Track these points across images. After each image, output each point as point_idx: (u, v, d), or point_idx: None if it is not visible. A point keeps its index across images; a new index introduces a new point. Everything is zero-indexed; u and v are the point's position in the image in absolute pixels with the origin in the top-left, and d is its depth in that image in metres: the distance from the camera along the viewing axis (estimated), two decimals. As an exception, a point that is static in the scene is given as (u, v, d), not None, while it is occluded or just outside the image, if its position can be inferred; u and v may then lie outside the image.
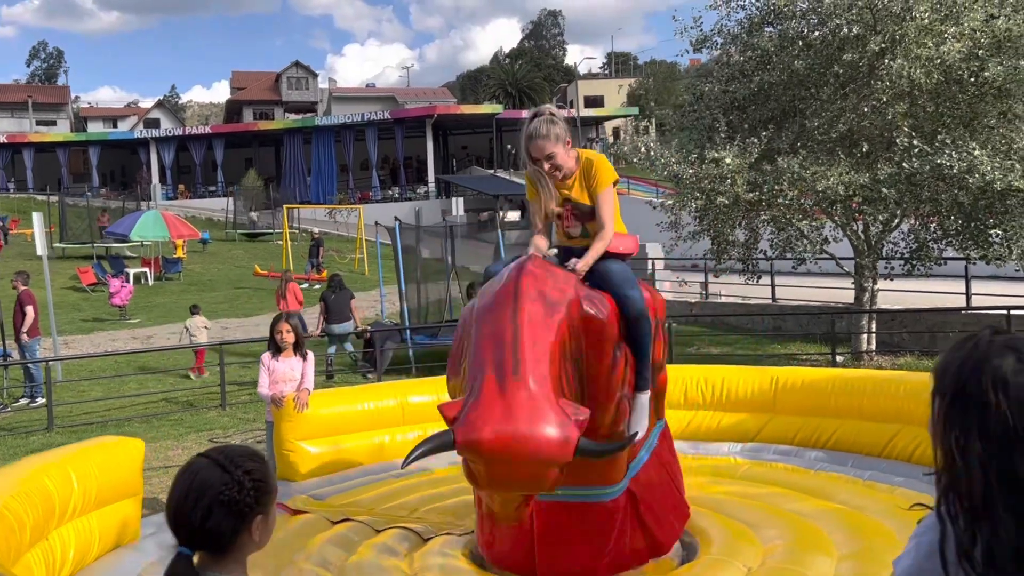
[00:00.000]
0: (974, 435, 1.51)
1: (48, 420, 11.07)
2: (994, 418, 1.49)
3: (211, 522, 1.89)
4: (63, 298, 23.82)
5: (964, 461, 1.53)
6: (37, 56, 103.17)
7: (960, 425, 1.54)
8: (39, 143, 50.69)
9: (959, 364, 1.59)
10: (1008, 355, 1.52)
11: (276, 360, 6.15)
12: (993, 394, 1.50)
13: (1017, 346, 1.54)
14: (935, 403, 1.62)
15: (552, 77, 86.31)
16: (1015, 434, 1.47)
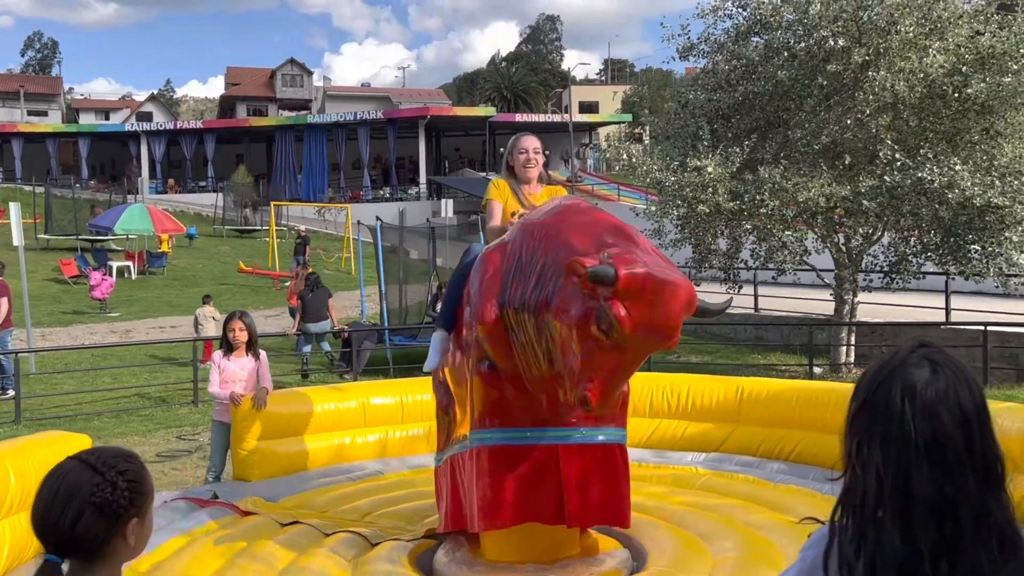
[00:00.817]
0: (876, 443, 1.47)
1: (15, 413, 10.94)
2: (897, 428, 1.45)
3: (81, 526, 1.79)
4: (44, 289, 23.65)
5: (862, 469, 1.49)
6: (31, 46, 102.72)
7: (864, 431, 1.50)
8: (28, 133, 50.45)
9: (875, 371, 1.55)
10: (924, 366, 1.49)
11: (227, 359, 6.06)
12: (900, 403, 1.46)
13: (936, 359, 1.50)
14: (848, 408, 1.58)
15: (548, 82, 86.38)
16: (915, 447, 1.43)
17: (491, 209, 4.70)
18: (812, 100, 12.19)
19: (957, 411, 1.44)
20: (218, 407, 6.12)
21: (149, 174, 49.92)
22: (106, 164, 54.79)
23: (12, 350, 12.36)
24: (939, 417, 1.43)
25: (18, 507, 4.21)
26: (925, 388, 1.45)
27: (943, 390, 1.45)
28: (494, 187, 4.77)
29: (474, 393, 4.05)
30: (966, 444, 1.42)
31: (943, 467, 1.41)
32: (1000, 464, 1.45)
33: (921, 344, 1.56)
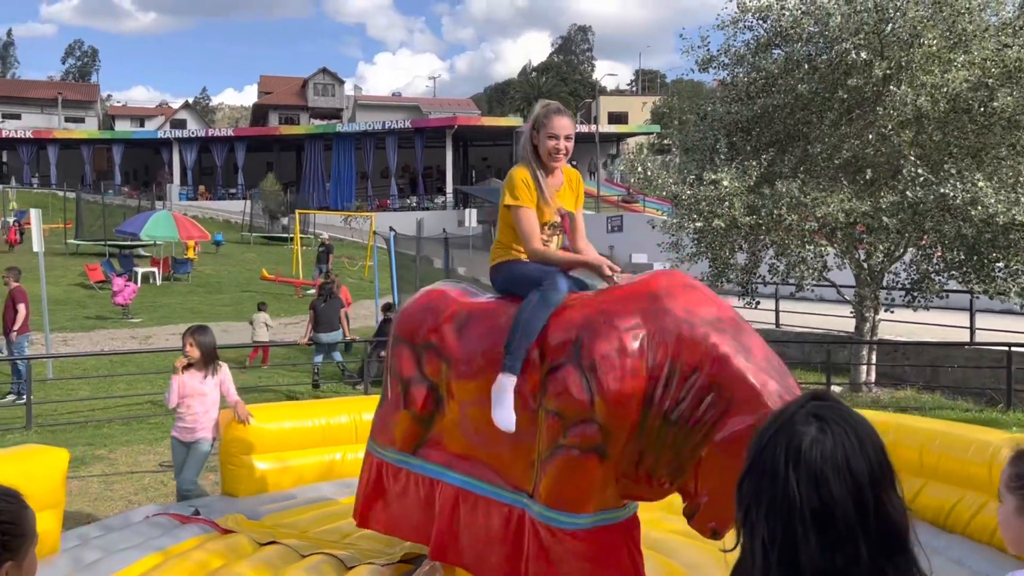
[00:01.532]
0: (762, 510, 1.32)
1: (27, 418, 11.00)
2: (782, 494, 1.30)
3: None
4: (70, 294, 23.94)
5: (749, 538, 1.35)
6: (72, 54, 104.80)
7: (751, 497, 1.36)
8: (64, 139, 51.29)
9: (764, 428, 1.41)
10: (811, 424, 1.34)
11: (185, 374, 5.99)
12: (784, 466, 1.32)
13: (824, 415, 1.35)
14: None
15: (578, 92, 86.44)
16: (801, 515, 1.28)
17: (528, 222, 3.82)
18: (833, 114, 11.96)
19: (846, 474, 1.29)
20: (177, 423, 6.05)
21: (181, 181, 50.52)
22: (139, 170, 55.54)
23: (27, 356, 12.44)
24: (826, 481, 1.28)
25: (-14, 523, 4.15)
26: (810, 449, 1.31)
27: (830, 451, 1.30)
28: (522, 184, 3.84)
29: (567, 473, 3.62)
30: (857, 510, 1.28)
31: (833, 536, 1.27)
32: (901, 528, 1.31)
33: (813, 397, 1.41)
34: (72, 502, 7.56)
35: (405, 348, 4.21)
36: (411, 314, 4.30)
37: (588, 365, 3.51)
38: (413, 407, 4.16)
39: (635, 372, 3.47)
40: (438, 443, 4.21)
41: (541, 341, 3.70)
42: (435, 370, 4.09)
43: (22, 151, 50.99)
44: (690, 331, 3.48)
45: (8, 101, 66.49)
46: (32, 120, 63.05)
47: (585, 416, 3.50)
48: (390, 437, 4.36)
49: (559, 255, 3.89)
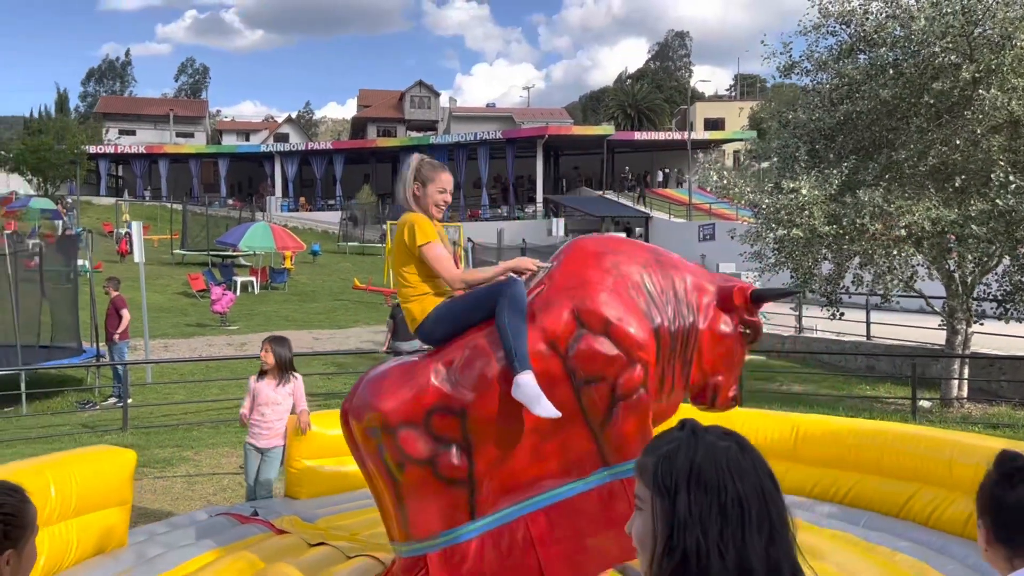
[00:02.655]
0: (714, 525, 1.42)
1: (123, 420, 11.65)
2: (732, 503, 1.42)
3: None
4: (174, 302, 25.15)
5: (696, 553, 1.43)
6: (184, 71, 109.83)
7: (697, 516, 1.44)
8: (174, 154, 53.84)
9: (671, 455, 1.48)
10: (728, 440, 1.48)
11: (260, 382, 6.26)
12: (729, 479, 1.44)
13: (727, 432, 1.50)
14: (658, 503, 1.51)
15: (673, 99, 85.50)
16: (748, 518, 1.41)
17: (444, 254, 4.10)
18: (919, 119, 11.57)
19: (769, 475, 1.44)
20: (251, 430, 6.32)
21: (282, 193, 52.34)
22: (243, 183, 57.78)
23: (126, 361, 13.17)
24: (761, 484, 1.42)
25: (57, 517, 4.48)
26: (743, 458, 1.44)
27: (756, 458, 1.45)
28: (428, 225, 4.09)
29: (634, 419, 3.93)
30: (764, 506, 1.42)
31: (769, 532, 1.40)
32: (786, 523, 1.44)
33: (683, 423, 1.54)
34: (155, 500, 8.00)
35: (405, 431, 3.90)
36: (389, 400, 3.96)
37: (600, 325, 3.91)
38: (452, 473, 3.89)
39: (634, 310, 4.00)
40: (493, 490, 4.01)
41: (542, 334, 3.89)
42: (453, 428, 3.89)
43: (135, 165, 53.81)
44: (640, 268, 4.15)
45: (124, 118, 70.25)
46: (146, 136, 66.41)
47: (625, 364, 3.90)
48: (432, 525, 3.94)
49: (483, 271, 4.13)
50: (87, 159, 47.40)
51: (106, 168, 53.63)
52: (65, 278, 16.63)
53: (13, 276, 14.57)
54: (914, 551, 4.80)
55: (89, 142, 50.25)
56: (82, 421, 12.46)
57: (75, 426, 12.07)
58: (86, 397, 13.93)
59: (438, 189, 4.16)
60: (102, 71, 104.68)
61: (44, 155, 42.99)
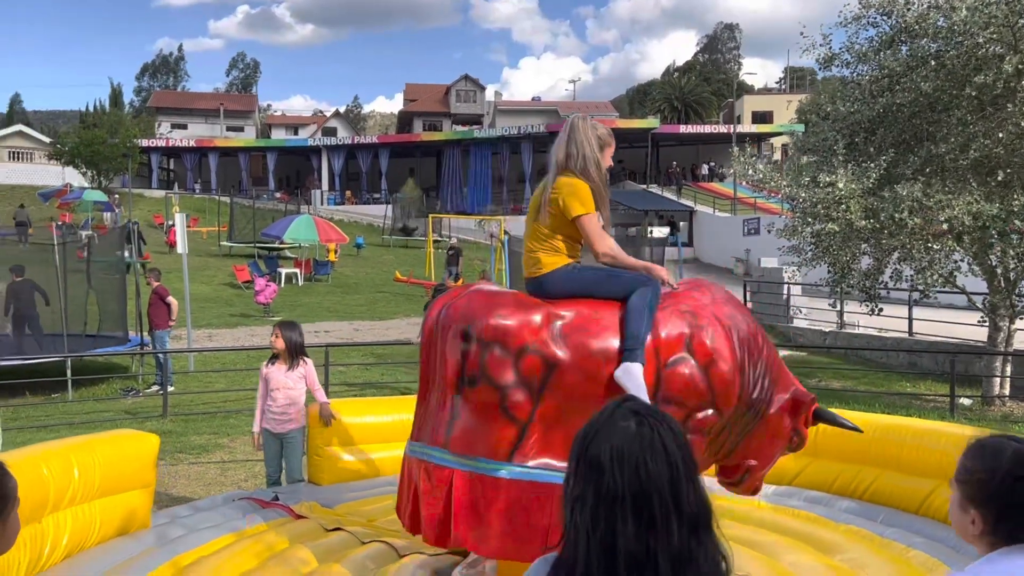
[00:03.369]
0: (588, 501, 1.44)
1: (163, 407, 11.93)
2: (606, 486, 1.42)
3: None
4: (219, 293, 25.62)
5: (574, 529, 1.46)
6: (236, 66, 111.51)
7: (577, 490, 1.47)
8: (224, 147, 54.76)
9: (585, 430, 1.51)
10: (630, 420, 1.47)
11: (272, 367, 6.38)
12: (608, 459, 1.44)
13: (640, 410, 1.49)
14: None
15: (721, 91, 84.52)
16: (621, 502, 1.41)
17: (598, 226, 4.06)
18: (960, 112, 11.33)
19: (664, 461, 1.42)
20: (266, 415, 6.43)
21: (329, 186, 52.94)
22: (291, 176, 58.55)
23: (168, 350, 13.48)
24: (645, 467, 1.41)
25: (80, 498, 4.64)
26: (632, 440, 1.43)
27: (649, 440, 1.43)
28: (589, 195, 4.04)
29: None
30: (672, 492, 1.40)
31: (649, 520, 1.39)
32: (707, 509, 1.44)
33: (626, 399, 1.53)
34: (187, 486, 8.21)
35: (497, 351, 3.98)
36: (498, 318, 4.02)
37: (705, 359, 4.05)
38: (516, 411, 3.95)
39: (735, 363, 4.14)
40: (537, 447, 4.05)
41: (652, 338, 4.00)
42: (535, 372, 3.95)
43: (186, 159, 54.86)
44: (748, 328, 4.31)
45: (176, 112, 71.65)
46: (197, 130, 67.63)
47: (704, 403, 4.04)
48: (474, 446, 4.01)
49: (629, 257, 4.22)
50: (139, 152, 48.44)
51: (158, 161, 54.74)
52: (114, 268, 17.06)
53: (62, 266, 14.98)
54: (929, 548, 4.75)
55: (142, 136, 51.34)
56: (125, 408, 12.78)
57: (118, 412, 12.39)
58: (130, 384, 14.29)
59: (610, 156, 4.19)
60: (156, 66, 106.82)
61: (97, 148, 44.05)
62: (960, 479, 1.90)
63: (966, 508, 1.88)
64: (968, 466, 1.90)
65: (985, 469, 1.86)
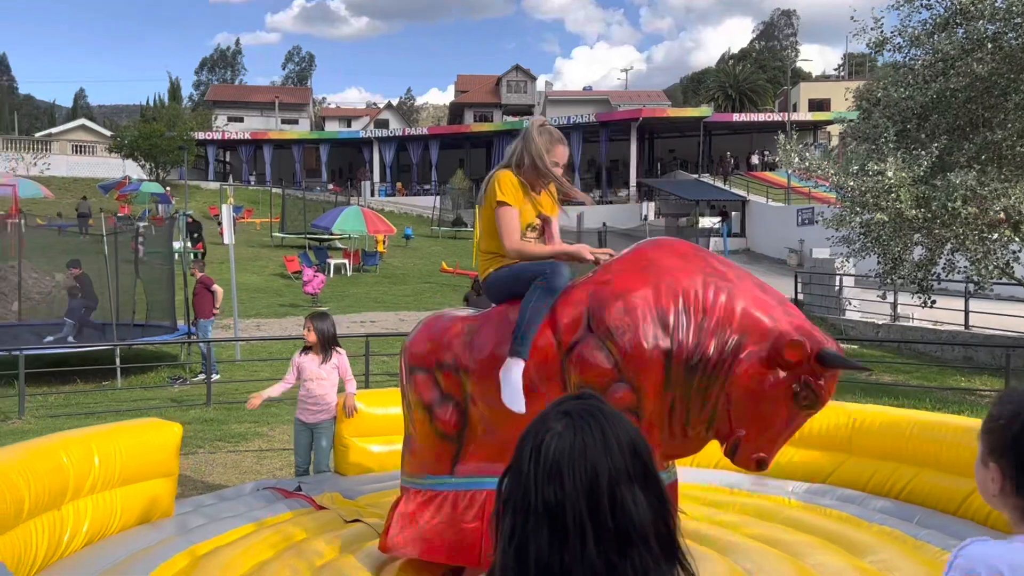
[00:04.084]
0: (509, 507, 1.35)
1: (207, 396, 12.11)
2: (523, 492, 1.33)
3: None
4: (270, 283, 25.97)
5: (496, 538, 1.37)
6: (291, 60, 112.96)
7: (504, 495, 1.38)
8: (278, 140, 55.51)
9: (524, 431, 1.42)
10: (559, 421, 1.35)
11: (305, 357, 6.38)
12: (527, 461, 1.34)
13: (574, 412, 1.36)
14: None
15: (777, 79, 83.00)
16: (535, 511, 1.30)
17: (511, 220, 3.96)
18: (1018, 96, 10.89)
19: (582, 470, 1.29)
20: (299, 406, 6.46)
21: (380, 178, 53.36)
22: (344, 168, 59.15)
23: (210, 339, 13.69)
24: (559, 476, 1.29)
25: (101, 486, 4.68)
26: (550, 444, 1.32)
27: (568, 446, 1.31)
28: (510, 185, 3.99)
29: None
30: (590, 507, 1.27)
31: (561, 531, 1.27)
32: (635, 527, 1.29)
33: (577, 396, 1.41)
34: (223, 474, 8.29)
35: (419, 375, 4.24)
36: (417, 343, 4.33)
37: (603, 333, 3.71)
38: (443, 427, 4.16)
39: (651, 326, 3.68)
40: (473, 456, 4.21)
41: (552, 325, 3.84)
42: (454, 385, 4.14)
43: (242, 151, 55.76)
44: (690, 282, 3.73)
45: (233, 106, 72.81)
46: (253, 123, 68.64)
47: (613, 381, 3.68)
48: (423, 466, 4.31)
49: (537, 247, 4.06)
50: (195, 145, 49.36)
51: (214, 154, 55.72)
52: (165, 259, 17.39)
53: (112, 256, 15.30)
54: (963, 551, 4.54)
55: (199, 129, 52.31)
56: (171, 396, 13.01)
57: (164, 400, 12.61)
58: (177, 373, 14.54)
59: (555, 157, 4.04)
60: (214, 60, 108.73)
61: (155, 141, 44.98)
62: (983, 429, 1.69)
63: (986, 462, 1.66)
64: (992, 413, 1.69)
65: (1007, 414, 1.63)
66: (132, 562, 4.38)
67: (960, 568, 1.59)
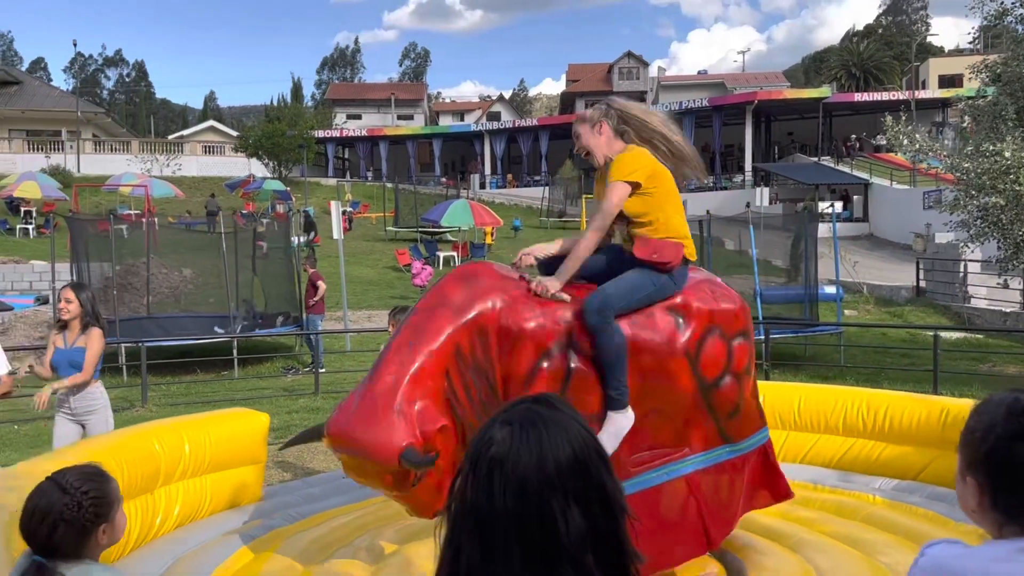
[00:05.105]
0: (451, 508, 1.36)
1: (315, 386, 12.61)
2: (458, 496, 1.34)
3: (56, 537, 2.26)
4: (383, 276, 26.67)
5: (444, 543, 1.39)
6: (408, 56, 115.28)
7: (450, 496, 1.40)
8: (393, 136, 56.81)
9: (478, 429, 1.44)
10: (502, 429, 1.34)
11: None
12: (467, 469, 1.35)
13: (514, 419, 1.34)
14: None
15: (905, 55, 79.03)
16: (468, 517, 1.30)
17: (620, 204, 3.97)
18: None
19: (512, 482, 1.27)
20: None
21: (492, 170, 53.87)
22: (456, 162, 59.97)
23: (319, 331, 14.23)
24: (490, 486, 1.28)
25: (191, 472, 4.99)
26: (485, 453, 1.31)
27: (502, 460, 1.29)
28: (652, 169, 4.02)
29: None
30: (518, 523, 1.26)
31: (490, 541, 1.26)
32: (565, 547, 1.26)
33: (535, 399, 1.40)
34: (323, 461, 8.59)
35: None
36: None
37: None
38: None
39: None
40: None
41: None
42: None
43: (359, 148, 57.34)
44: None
45: (351, 103, 74.97)
46: (370, 119, 70.49)
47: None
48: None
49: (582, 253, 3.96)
50: (315, 143, 51.07)
51: (333, 151, 57.47)
52: (283, 254, 18.16)
53: (233, 252, 16.08)
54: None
55: (319, 127, 54.10)
56: (283, 385, 13.60)
57: (276, 390, 13.20)
58: (290, 363, 15.18)
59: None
60: (334, 60, 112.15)
61: (278, 140, 46.82)
62: (960, 443, 1.63)
63: (964, 476, 1.60)
64: (969, 426, 1.62)
65: (982, 426, 1.57)
66: (218, 543, 4.65)
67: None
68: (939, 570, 1.52)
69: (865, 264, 26.04)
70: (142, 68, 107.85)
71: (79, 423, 5.53)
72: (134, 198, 35.04)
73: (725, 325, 4.17)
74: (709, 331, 4.06)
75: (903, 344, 15.82)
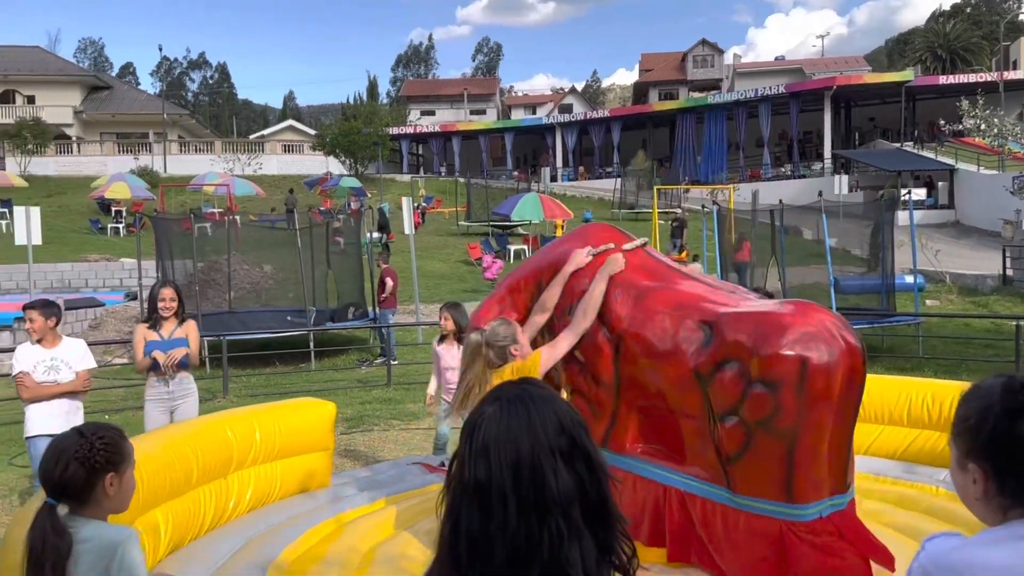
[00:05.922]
0: (450, 486, 1.49)
1: (387, 377, 12.91)
2: (458, 468, 1.47)
3: (67, 475, 2.43)
4: (455, 270, 27.01)
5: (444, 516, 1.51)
6: (481, 51, 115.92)
7: (448, 476, 1.52)
8: (465, 131, 57.25)
9: (469, 414, 1.57)
10: (493, 404, 1.48)
11: (441, 346, 6.69)
12: (464, 443, 1.48)
13: (505, 396, 1.49)
14: None
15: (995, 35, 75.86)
16: (467, 489, 1.43)
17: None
18: None
19: (509, 454, 1.41)
20: (444, 390, 6.77)
21: (563, 163, 53.83)
22: (528, 155, 60.11)
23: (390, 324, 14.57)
24: (488, 456, 1.41)
25: (262, 459, 5.23)
26: (481, 426, 1.45)
27: (497, 429, 1.43)
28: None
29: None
30: (513, 481, 1.39)
31: (488, 506, 1.39)
32: (554, 498, 1.39)
33: (520, 381, 1.52)
34: (393, 449, 8.86)
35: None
36: None
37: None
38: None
39: None
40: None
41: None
42: None
43: (432, 144, 57.96)
44: None
45: (425, 100, 75.85)
46: (444, 115, 71.16)
47: None
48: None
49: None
50: (389, 140, 51.86)
51: (407, 147, 58.23)
52: (357, 249, 18.60)
53: (309, 247, 16.53)
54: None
55: (393, 124, 54.91)
56: (358, 377, 13.96)
57: (351, 381, 13.56)
58: (364, 356, 15.56)
59: None
60: (408, 57, 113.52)
61: (353, 138, 47.74)
62: (953, 433, 1.62)
63: (964, 465, 1.59)
64: (960, 414, 1.62)
65: (977, 411, 1.58)
66: (286, 526, 4.88)
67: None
68: (937, 565, 1.54)
69: (949, 252, 25.24)
70: (224, 70, 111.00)
71: (170, 409, 5.85)
72: (217, 197, 36.23)
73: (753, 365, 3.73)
74: (728, 362, 3.81)
75: (987, 335, 15.34)
